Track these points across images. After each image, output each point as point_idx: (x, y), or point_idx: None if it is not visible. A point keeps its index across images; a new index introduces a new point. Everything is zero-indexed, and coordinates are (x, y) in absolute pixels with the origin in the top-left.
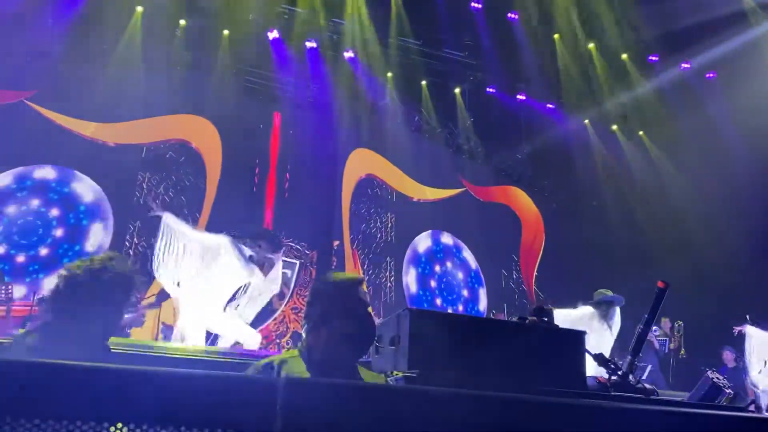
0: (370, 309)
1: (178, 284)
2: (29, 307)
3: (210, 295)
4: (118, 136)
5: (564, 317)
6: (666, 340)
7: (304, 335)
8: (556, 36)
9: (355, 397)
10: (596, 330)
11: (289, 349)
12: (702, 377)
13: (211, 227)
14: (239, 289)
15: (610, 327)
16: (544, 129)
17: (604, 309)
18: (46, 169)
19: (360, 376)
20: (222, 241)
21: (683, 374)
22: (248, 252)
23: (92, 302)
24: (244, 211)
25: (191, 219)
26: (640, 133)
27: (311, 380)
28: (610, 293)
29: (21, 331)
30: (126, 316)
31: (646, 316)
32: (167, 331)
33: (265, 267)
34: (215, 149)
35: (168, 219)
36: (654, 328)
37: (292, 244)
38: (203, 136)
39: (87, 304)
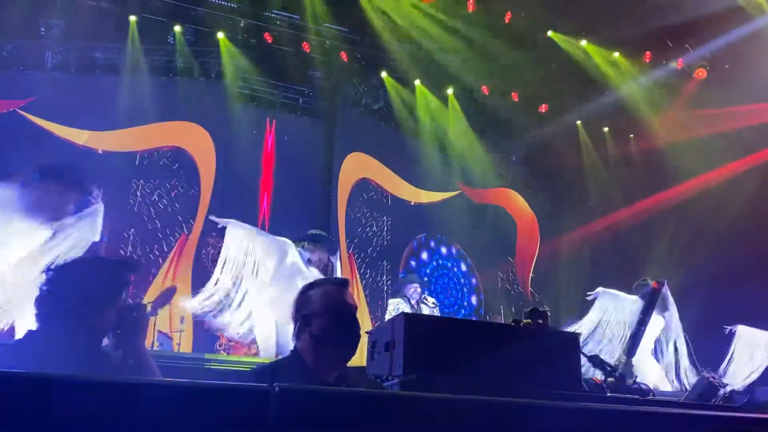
0: (358, 310)
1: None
2: None
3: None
4: (111, 143)
5: None
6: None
7: (293, 340)
8: (550, 33)
9: (348, 405)
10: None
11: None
12: (699, 378)
13: (206, 234)
14: None
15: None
16: (538, 130)
17: None
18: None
19: (352, 379)
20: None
21: None
22: (307, 255)
23: (75, 302)
24: (239, 217)
25: (186, 226)
26: (631, 136)
27: (304, 388)
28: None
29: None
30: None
31: (639, 316)
32: (163, 339)
33: (327, 269)
34: (209, 155)
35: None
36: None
37: None
38: (197, 143)
39: (70, 306)
